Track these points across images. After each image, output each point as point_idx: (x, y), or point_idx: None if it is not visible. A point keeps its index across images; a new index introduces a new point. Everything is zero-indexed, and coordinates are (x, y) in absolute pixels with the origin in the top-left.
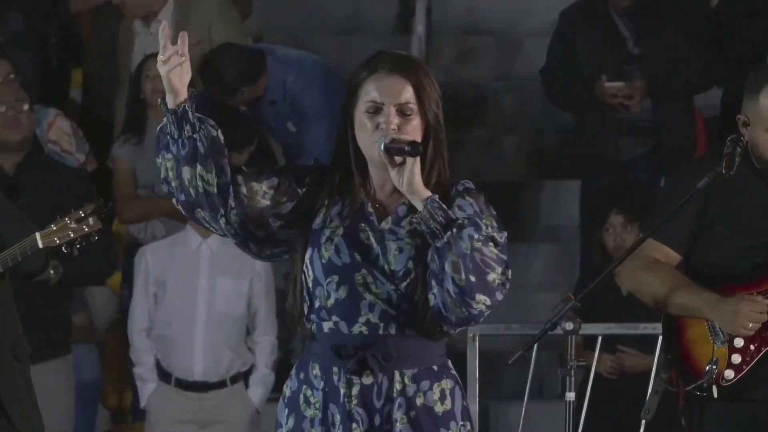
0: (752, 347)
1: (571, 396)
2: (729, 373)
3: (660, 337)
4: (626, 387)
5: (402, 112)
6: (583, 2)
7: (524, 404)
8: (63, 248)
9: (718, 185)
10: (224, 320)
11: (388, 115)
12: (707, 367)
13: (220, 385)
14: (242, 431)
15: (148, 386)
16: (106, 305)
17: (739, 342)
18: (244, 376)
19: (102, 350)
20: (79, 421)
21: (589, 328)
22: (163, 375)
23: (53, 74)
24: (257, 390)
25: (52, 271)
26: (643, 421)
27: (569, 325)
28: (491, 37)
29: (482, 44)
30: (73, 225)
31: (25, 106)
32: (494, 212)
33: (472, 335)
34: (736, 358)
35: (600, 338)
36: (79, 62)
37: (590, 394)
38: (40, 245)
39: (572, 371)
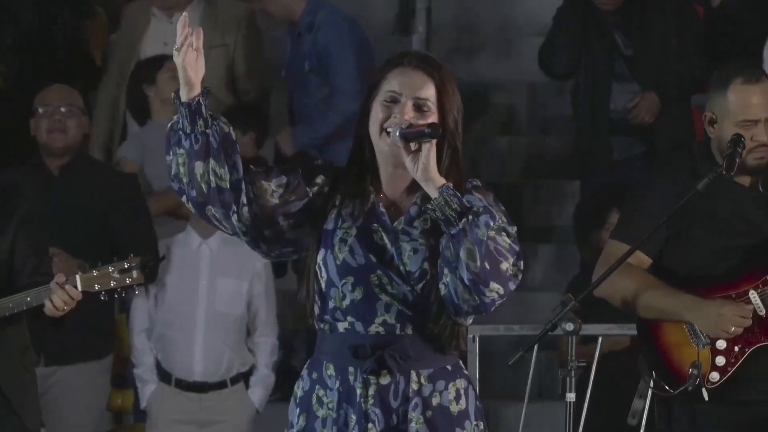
0: (736, 348)
1: (571, 396)
2: (714, 376)
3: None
4: (626, 387)
5: (419, 107)
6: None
7: (524, 404)
8: (101, 295)
9: (690, 187)
10: (224, 321)
11: (403, 105)
12: (690, 371)
13: (220, 385)
14: None
15: (148, 387)
16: None
17: (721, 344)
18: (244, 377)
19: None
20: None
21: (589, 329)
22: (163, 375)
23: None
24: (257, 390)
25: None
26: (643, 421)
27: (569, 326)
28: (490, 37)
29: (481, 44)
30: (116, 275)
31: (76, 110)
32: (503, 208)
33: (472, 336)
34: (720, 360)
35: (600, 338)
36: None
37: (590, 395)
38: (79, 288)
39: (572, 372)
